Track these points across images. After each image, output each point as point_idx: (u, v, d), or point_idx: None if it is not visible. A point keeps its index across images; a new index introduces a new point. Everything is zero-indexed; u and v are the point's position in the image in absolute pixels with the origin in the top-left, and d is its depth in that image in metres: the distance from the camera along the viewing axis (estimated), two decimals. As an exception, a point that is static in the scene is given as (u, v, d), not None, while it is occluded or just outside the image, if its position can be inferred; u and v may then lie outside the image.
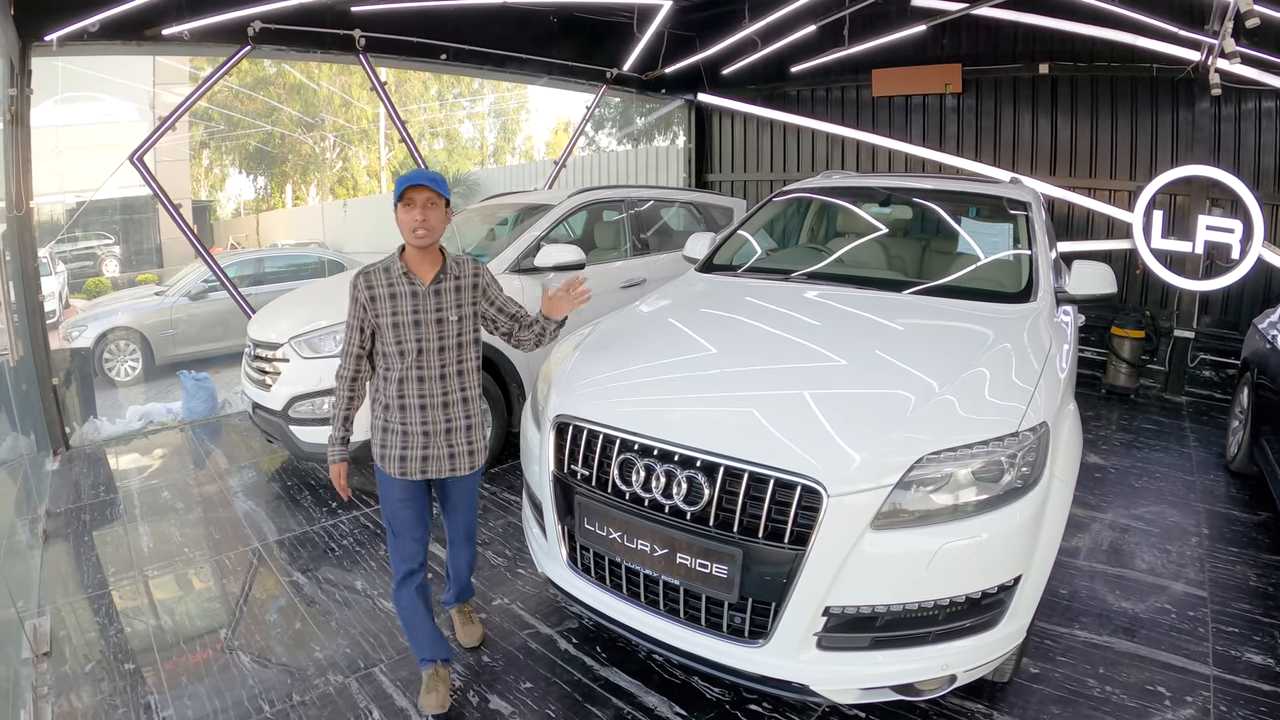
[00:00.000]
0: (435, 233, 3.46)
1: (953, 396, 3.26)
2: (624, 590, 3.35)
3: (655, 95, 14.20)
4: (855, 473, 2.91)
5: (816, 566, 2.87)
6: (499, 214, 8.29)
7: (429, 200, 3.41)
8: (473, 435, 3.67)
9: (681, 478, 3.08)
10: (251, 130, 33.19)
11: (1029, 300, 4.47)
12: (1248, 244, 8.67)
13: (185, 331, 13.18)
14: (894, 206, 5.89)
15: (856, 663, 3.02)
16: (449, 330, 3.55)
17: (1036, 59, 10.81)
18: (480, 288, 3.65)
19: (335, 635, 4.37)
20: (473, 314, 3.63)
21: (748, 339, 4.06)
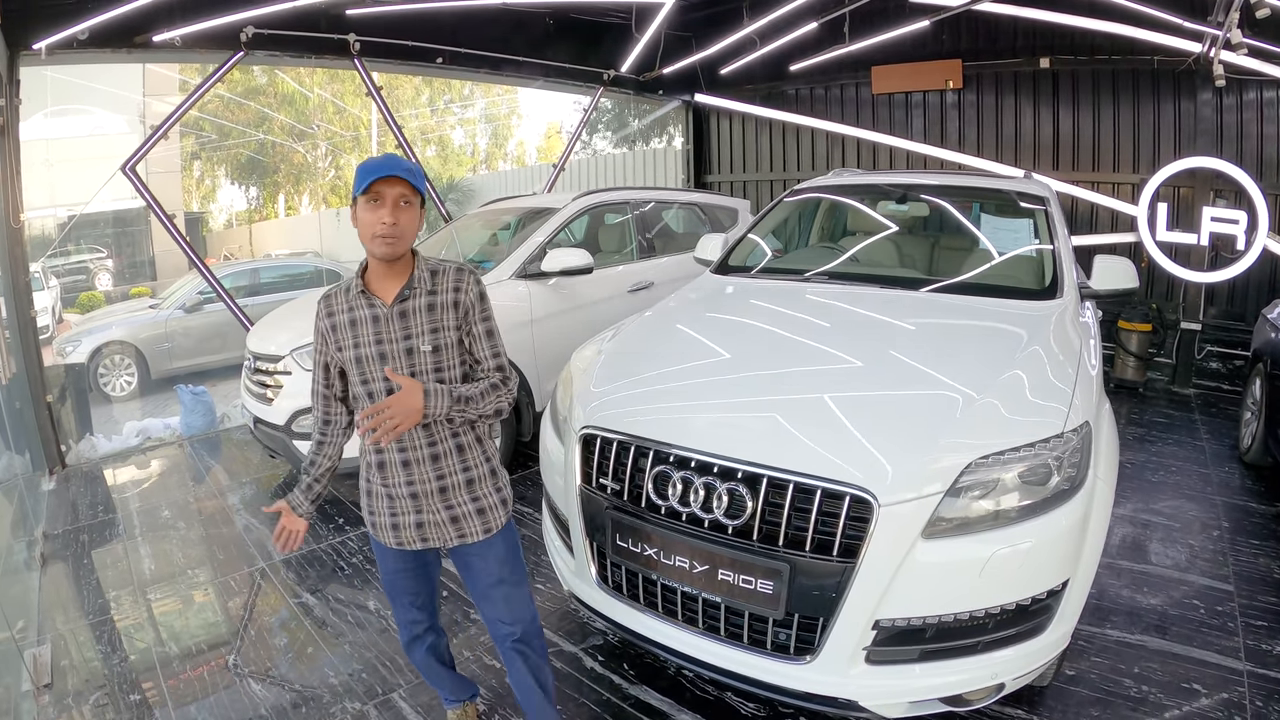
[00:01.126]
0: (404, 241, 2.72)
1: (996, 399, 3.18)
2: (660, 609, 3.21)
3: (652, 96, 14.17)
4: (905, 481, 2.81)
5: (867, 579, 2.77)
6: (502, 219, 8.18)
7: (402, 197, 2.67)
8: (478, 490, 2.91)
9: (722, 490, 2.95)
10: (243, 140, 33.13)
11: (1055, 297, 4.41)
12: (1253, 235, 8.64)
13: (181, 345, 13.06)
14: (910, 204, 5.80)
15: (905, 676, 2.94)
16: (422, 362, 2.79)
17: (1037, 53, 10.80)
18: (463, 307, 2.81)
19: (349, 659, 4.22)
20: (456, 341, 2.83)
21: (776, 343, 3.93)
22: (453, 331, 2.80)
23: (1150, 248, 9.34)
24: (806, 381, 3.44)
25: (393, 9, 9.21)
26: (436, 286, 2.80)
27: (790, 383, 3.44)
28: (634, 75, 12.97)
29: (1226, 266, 8.87)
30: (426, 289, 2.79)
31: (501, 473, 3.03)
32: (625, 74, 12.74)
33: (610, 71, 12.61)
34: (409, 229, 2.73)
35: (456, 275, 2.83)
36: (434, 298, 2.79)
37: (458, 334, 2.82)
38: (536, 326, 6.52)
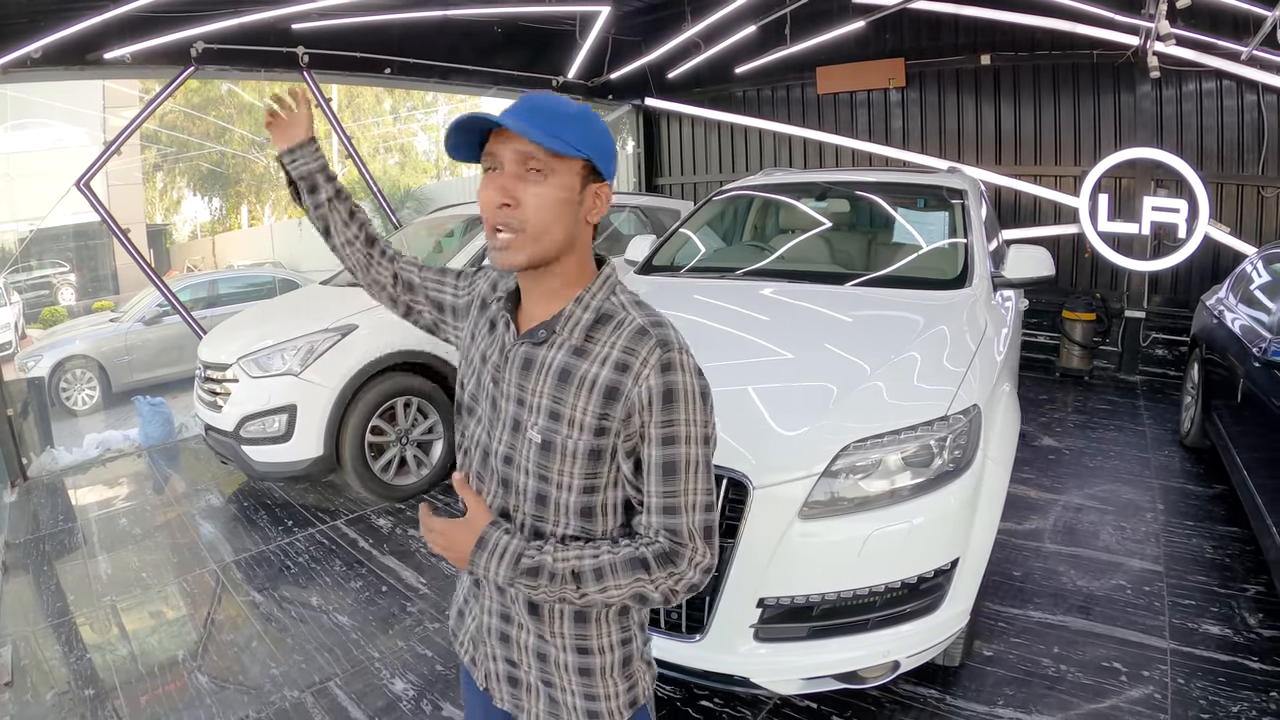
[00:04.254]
0: (532, 239, 1.59)
1: (881, 383, 3.34)
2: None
3: (602, 101, 14.21)
4: (779, 464, 2.97)
5: (747, 558, 2.92)
6: (445, 226, 8.34)
7: (528, 159, 1.57)
8: (596, 683, 1.77)
9: None
10: (203, 151, 33.07)
11: (964, 286, 4.54)
12: (1194, 223, 8.88)
13: (141, 357, 13.14)
14: (831, 200, 5.96)
15: (796, 653, 3.05)
16: (525, 455, 1.69)
17: (978, 50, 10.94)
18: (626, 402, 1.59)
19: (291, 652, 4.38)
20: (588, 452, 1.63)
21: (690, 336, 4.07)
22: (585, 433, 1.62)
23: (1092, 238, 9.56)
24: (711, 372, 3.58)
25: (340, 22, 9.35)
26: (592, 341, 1.65)
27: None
28: (582, 81, 13.11)
29: (1169, 254, 9.09)
30: (574, 339, 1.66)
31: (641, 660, 1.85)
32: (574, 79, 12.86)
33: (559, 77, 12.71)
34: (547, 216, 1.59)
35: (634, 338, 1.61)
36: (578, 361, 1.64)
37: (597, 440, 1.63)
38: None
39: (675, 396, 1.57)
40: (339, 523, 6.06)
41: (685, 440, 1.58)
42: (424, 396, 6.45)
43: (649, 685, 1.85)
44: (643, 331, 1.61)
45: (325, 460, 6.05)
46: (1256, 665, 3.93)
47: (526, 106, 1.60)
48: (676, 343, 1.61)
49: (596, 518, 1.70)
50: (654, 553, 1.60)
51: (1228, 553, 5.09)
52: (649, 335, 1.60)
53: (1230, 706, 3.64)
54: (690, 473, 1.59)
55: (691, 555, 1.60)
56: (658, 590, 1.60)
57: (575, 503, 1.67)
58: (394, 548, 5.57)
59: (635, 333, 1.61)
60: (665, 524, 1.61)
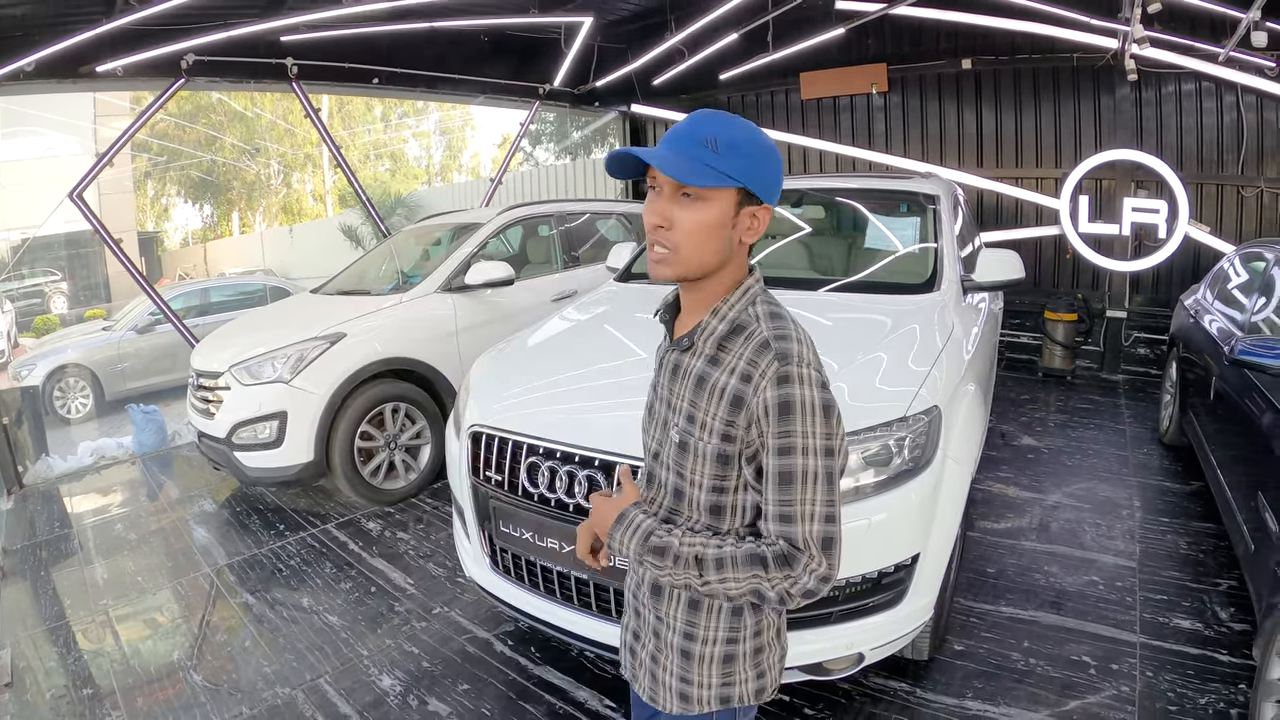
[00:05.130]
0: (684, 257, 1.74)
1: (844, 385, 3.42)
2: (541, 588, 3.53)
3: (589, 109, 14.38)
4: None
5: None
6: (433, 234, 8.47)
7: (680, 185, 1.71)
8: (693, 669, 1.91)
9: (581, 477, 3.23)
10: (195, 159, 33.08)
11: (933, 290, 4.64)
12: (1173, 223, 9.01)
13: (134, 366, 13.21)
14: (806, 207, 6.06)
15: None
16: (668, 453, 1.89)
17: (959, 55, 11.09)
18: (748, 410, 1.72)
19: (283, 651, 4.51)
20: (715, 455, 1.78)
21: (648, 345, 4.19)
22: (714, 437, 1.77)
23: (1073, 240, 9.72)
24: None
25: (328, 34, 9.47)
26: (725, 351, 1.78)
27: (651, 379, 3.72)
28: (569, 89, 13.22)
29: (1149, 254, 9.23)
30: (708, 348, 1.81)
31: (746, 664, 1.91)
32: (560, 88, 12.98)
33: (546, 86, 12.85)
34: (697, 239, 1.73)
35: (756, 352, 1.73)
36: (711, 369, 1.79)
37: (724, 445, 1.76)
38: (462, 336, 6.81)
39: (791, 409, 1.66)
40: (329, 526, 6.18)
41: (802, 451, 1.67)
42: (412, 402, 6.57)
43: (749, 694, 1.92)
44: (765, 344, 1.71)
45: (316, 465, 6.17)
46: (1226, 658, 4.01)
47: (681, 134, 1.73)
48: (797, 356, 1.69)
49: (725, 516, 1.82)
50: (773, 554, 1.68)
51: (1202, 548, 5.18)
52: (770, 348, 1.70)
53: (1198, 699, 3.71)
54: (807, 483, 1.67)
55: (808, 563, 1.67)
56: (773, 590, 1.68)
57: (706, 500, 1.81)
58: (383, 550, 5.70)
59: (759, 345, 1.72)
60: (782, 531, 1.69)
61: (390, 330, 6.57)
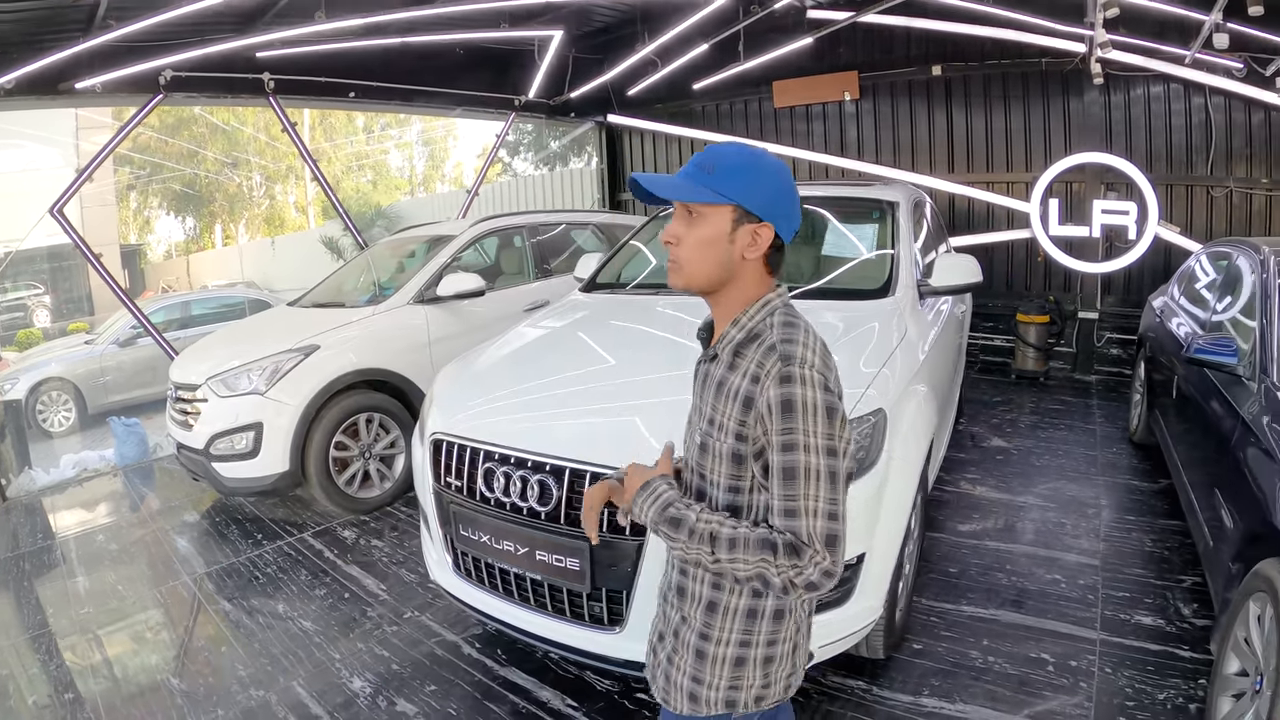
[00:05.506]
0: (689, 271, 1.94)
1: None
2: (500, 590, 3.65)
3: (565, 119, 14.49)
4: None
5: (656, 554, 3.13)
6: (407, 247, 8.58)
7: (687, 205, 1.93)
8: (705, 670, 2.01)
9: (534, 481, 3.36)
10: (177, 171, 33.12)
11: (888, 295, 4.73)
12: (1143, 224, 9.13)
13: (116, 379, 13.28)
14: None
15: None
16: (693, 452, 2.08)
17: (929, 61, 11.22)
18: (755, 410, 1.84)
19: (258, 655, 4.62)
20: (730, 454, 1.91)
21: (606, 354, 4.35)
22: (729, 437, 1.90)
23: (1044, 242, 9.85)
24: (621, 387, 3.87)
25: (304, 49, 9.59)
26: (740, 357, 1.92)
27: (607, 388, 3.88)
28: (544, 100, 13.34)
29: (1120, 256, 9.36)
30: (727, 356, 1.95)
31: (755, 670, 2.00)
32: (535, 99, 13.10)
33: (521, 97, 12.97)
34: (696, 254, 1.92)
35: (764, 355, 1.86)
36: (729, 375, 1.93)
37: (737, 444, 1.89)
38: (434, 347, 6.91)
39: (793, 407, 1.77)
40: (306, 535, 6.29)
41: (804, 449, 1.76)
42: (385, 412, 6.68)
43: (750, 700, 2.01)
44: (772, 348, 1.84)
45: (291, 475, 6.27)
46: (1187, 654, 4.07)
47: (691, 162, 1.93)
48: (799, 358, 1.80)
49: (741, 517, 1.91)
50: (783, 542, 1.75)
51: (1167, 546, 5.25)
52: (775, 350, 1.82)
53: (1157, 694, 3.77)
54: (810, 480, 1.76)
55: (813, 556, 1.74)
56: (779, 577, 1.76)
57: (723, 500, 1.93)
58: (357, 558, 5.81)
59: (767, 348, 1.84)
60: (788, 525, 1.77)
61: (364, 342, 6.69)
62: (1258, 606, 3.07)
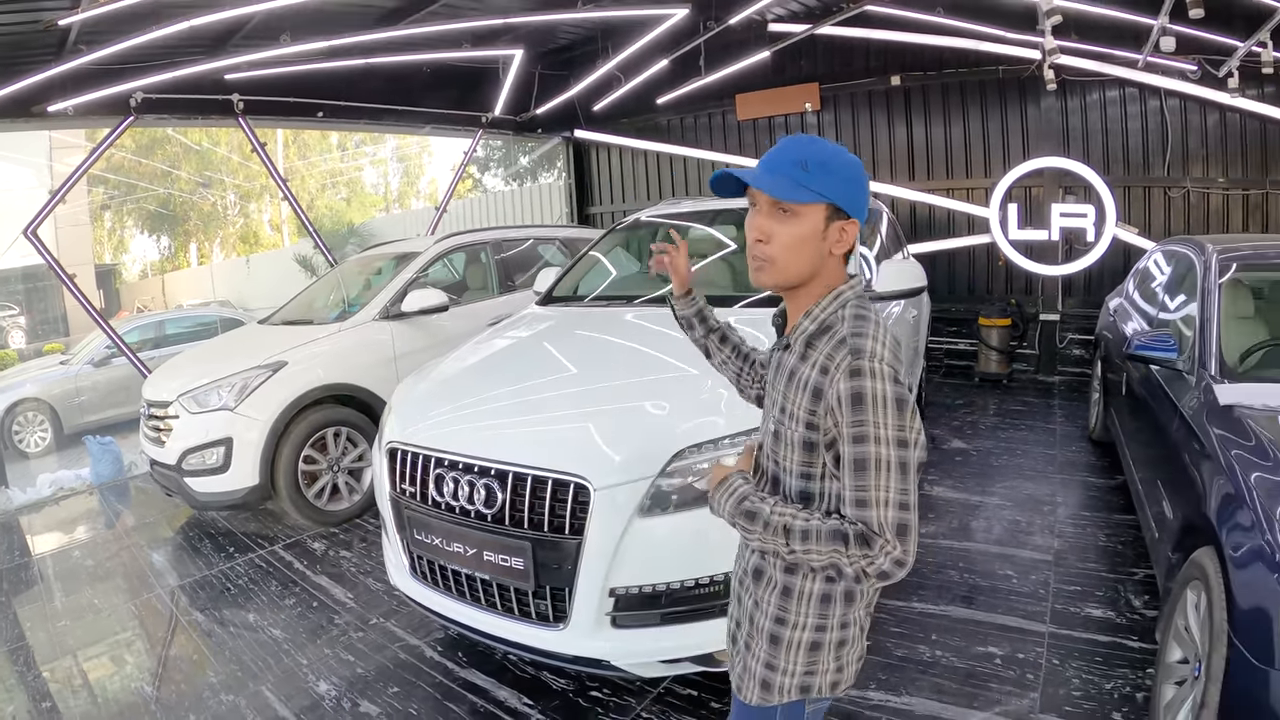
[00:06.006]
0: (779, 268, 1.95)
1: (725, 392, 3.65)
2: (454, 591, 3.81)
3: (532, 135, 14.66)
4: (618, 469, 3.38)
5: (594, 552, 3.31)
6: (374, 264, 8.72)
7: (776, 202, 1.92)
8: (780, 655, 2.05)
9: (480, 485, 3.53)
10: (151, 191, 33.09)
11: None
12: (1101, 226, 9.35)
13: (91, 399, 13.32)
14: (721, 226, 6.28)
15: (650, 638, 3.44)
16: (769, 435, 2.10)
17: (889, 72, 11.44)
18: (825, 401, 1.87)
19: (229, 662, 4.76)
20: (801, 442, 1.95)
21: (553, 364, 4.53)
22: (800, 426, 1.93)
23: (1004, 246, 10.06)
24: (565, 396, 4.03)
25: (271, 71, 9.73)
26: (812, 349, 1.94)
27: (551, 397, 4.03)
28: (511, 117, 13.50)
29: (1080, 258, 9.56)
30: (799, 347, 1.98)
31: (829, 654, 2.05)
32: (502, 116, 13.25)
33: (488, 115, 13.14)
34: (790, 251, 1.93)
35: (834, 347, 1.88)
36: (801, 365, 1.96)
37: (808, 433, 1.92)
38: (400, 362, 7.04)
39: (863, 400, 1.78)
40: (277, 547, 6.42)
41: (875, 440, 1.77)
42: (353, 426, 6.83)
43: (826, 685, 2.05)
44: (842, 340, 1.85)
45: (261, 489, 6.41)
46: (1136, 644, 4.16)
47: (776, 157, 1.93)
48: (869, 351, 1.82)
49: (813, 503, 1.95)
50: (855, 532, 1.78)
51: (1121, 540, 5.36)
52: (845, 343, 1.84)
53: (1104, 684, 3.86)
54: (881, 471, 1.78)
55: (884, 545, 1.76)
56: (851, 566, 1.80)
57: (795, 487, 1.98)
58: (326, 568, 5.95)
59: (838, 342, 1.86)
60: (859, 515, 1.78)
61: (331, 358, 6.83)
62: (1194, 595, 3.16)
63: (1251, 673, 2.55)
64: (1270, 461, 3.05)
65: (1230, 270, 4.69)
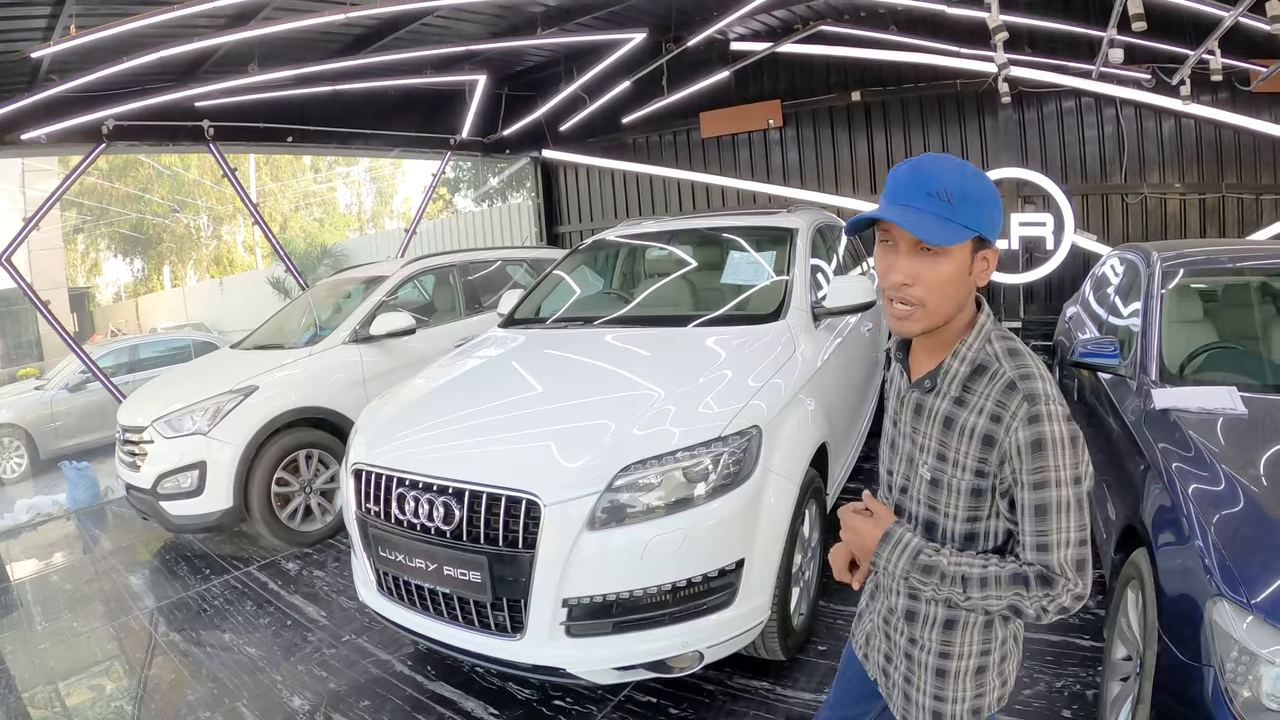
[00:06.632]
0: (929, 311, 1.85)
1: (672, 408, 3.90)
2: (417, 605, 3.96)
3: (501, 156, 14.86)
4: (566, 485, 3.53)
5: (546, 564, 3.47)
6: (344, 288, 8.83)
7: (916, 249, 1.80)
8: (948, 687, 2.04)
9: (438, 503, 3.68)
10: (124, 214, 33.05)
11: (779, 319, 5.02)
12: (1060, 234, 9.61)
13: (66, 424, 13.38)
14: (678, 246, 6.43)
15: (604, 646, 3.56)
16: (918, 487, 2.02)
17: (849, 87, 11.77)
18: (1000, 449, 1.82)
19: (205, 681, 4.89)
20: (970, 490, 1.90)
21: (513, 385, 4.66)
22: (967, 474, 1.88)
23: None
24: (520, 416, 4.18)
25: (241, 99, 9.89)
26: (970, 392, 1.87)
27: (507, 418, 4.19)
28: (479, 138, 13.67)
29: (1039, 266, 9.80)
30: (954, 390, 1.91)
31: (994, 673, 2.06)
32: (470, 138, 13.43)
33: (456, 136, 13.29)
34: (941, 292, 1.83)
35: (1005, 392, 1.81)
36: (958, 410, 1.89)
37: (978, 480, 1.87)
38: (369, 384, 7.16)
39: (1044, 445, 1.74)
40: (252, 569, 6.55)
41: (1056, 484, 1.75)
42: (324, 448, 6.95)
43: (994, 702, 2.05)
44: (1012, 385, 1.79)
45: (235, 511, 6.53)
46: (1088, 643, 4.28)
47: (912, 188, 1.80)
48: (1043, 393, 1.76)
49: (978, 542, 1.94)
50: (1035, 574, 1.76)
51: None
52: (1017, 390, 1.78)
53: (1054, 682, 3.98)
54: (1061, 513, 1.76)
55: (1065, 584, 1.76)
56: (1031, 607, 1.78)
57: (960, 530, 1.93)
58: (300, 588, 6.09)
59: (1006, 386, 1.79)
60: (1040, 559, 1.77)
61: (302, 381, 6.96)
62: (1134, 594, 3.28)
63: (1180, 669, 2.67)
64: (1201, 466, 3.19)
65: (1176, 276, 4.80)
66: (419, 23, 9.66)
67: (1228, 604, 2.53)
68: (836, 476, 5.36)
